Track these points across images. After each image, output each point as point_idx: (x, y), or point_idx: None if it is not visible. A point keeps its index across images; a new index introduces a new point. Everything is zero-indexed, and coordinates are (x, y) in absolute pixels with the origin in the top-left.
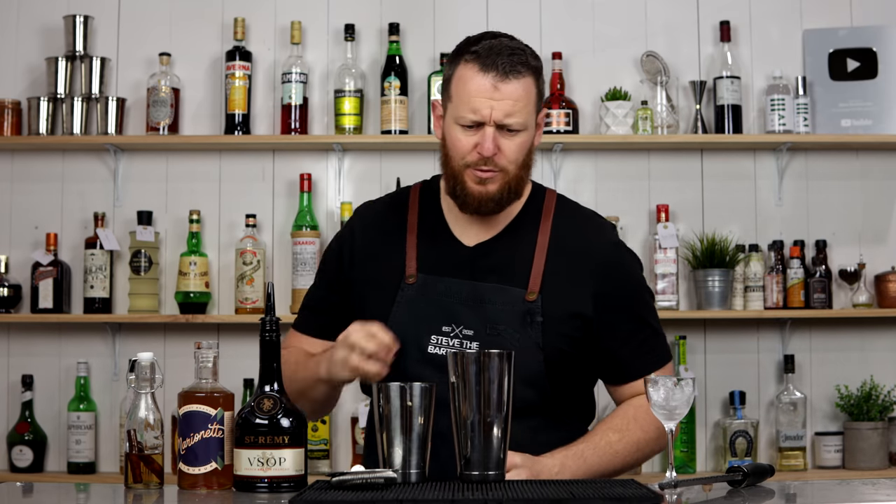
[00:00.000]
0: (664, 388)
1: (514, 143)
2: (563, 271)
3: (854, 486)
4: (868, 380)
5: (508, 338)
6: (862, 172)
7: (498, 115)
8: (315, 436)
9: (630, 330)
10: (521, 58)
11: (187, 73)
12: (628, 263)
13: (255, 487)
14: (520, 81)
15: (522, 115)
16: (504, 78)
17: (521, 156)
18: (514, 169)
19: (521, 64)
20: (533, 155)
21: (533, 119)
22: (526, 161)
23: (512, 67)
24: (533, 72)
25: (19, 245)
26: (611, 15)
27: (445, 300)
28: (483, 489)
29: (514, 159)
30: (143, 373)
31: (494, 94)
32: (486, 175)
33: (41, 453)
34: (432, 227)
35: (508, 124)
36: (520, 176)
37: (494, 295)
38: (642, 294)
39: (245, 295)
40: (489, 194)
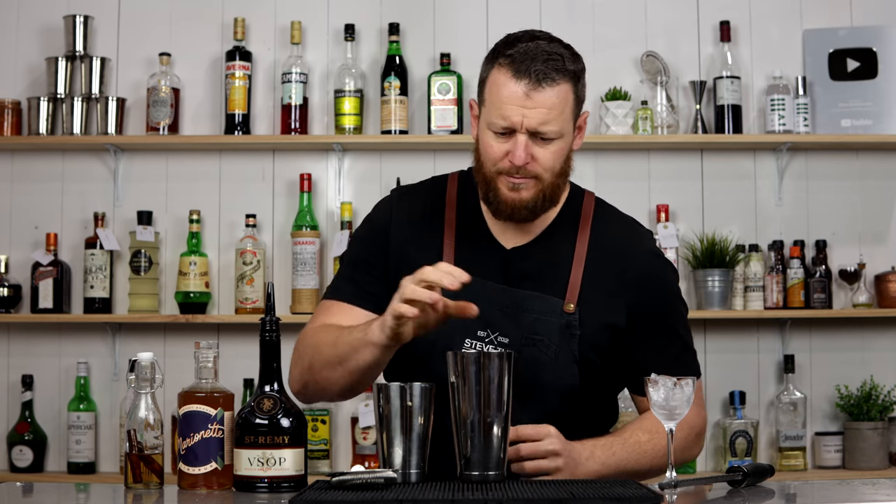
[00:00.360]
0: (664, 388)
1: (548, 152)
2: (601, 282)
3: (854, 486)
4: (868, 380)
5: (545, 349)
6: (862, 172)
7: (530, 123)
8: (315, 436)
9: (663, 343)
10: (558, 64)
11: (187, 73)
12: (665, 274)
13: (255, 487)
14: (554, 89)
15: (557, 124)
16: (537, 86)
17: (556, 164)
18: (549, 177)
19: (555, 71)
20: (571, 161)
21: (570, 125)
22: (563, 168)
23: (546, 75)
24: (570, 77)
25: (19, 245)
26: (611, 15)
27: (482, 305)
28: (483, 489)
29: (550, 167)
30: (143, 373)
31: (527, 103)
32: (519, 181)
33: (41, 453)
34: (470, 225)
35: (542, 132)
36: (556, 184)
37: (532, 303)
38: (677, 306)
39: (245, 295)
40: (522, 202)
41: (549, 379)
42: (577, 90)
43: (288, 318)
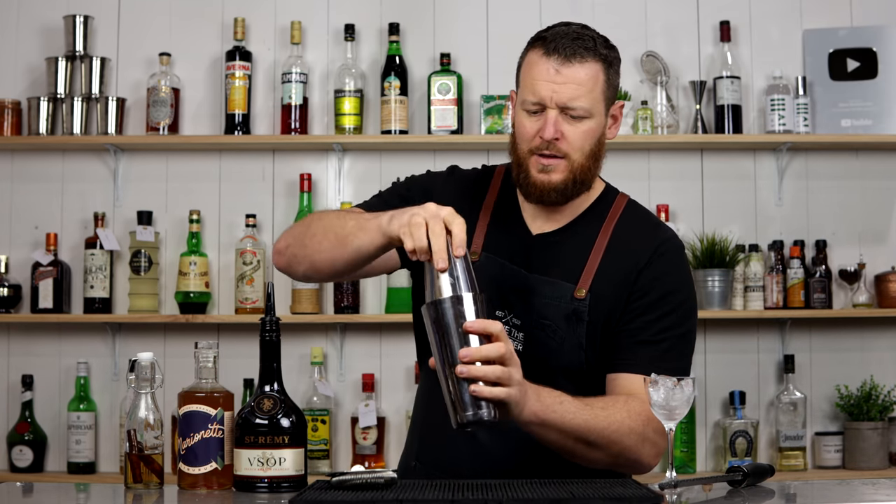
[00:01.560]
0: (664, 388)
1: (578, 130)
2: (613, 274)
3: (854, 486)
4: (868, 380)
5: (552, 334)
6: (862, 172)
7: (560, 98)
8: (315, 436)
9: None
10: (588, 43)
11: (187, 73)
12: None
13: (255, 487)
14: (584, 66)
15: (587, 101)
16: (566, 62)
17: (586, 144)
18: (579, 157)
19: (585, 49)
20: (603, 147)
21: (601, 107)
22: (594, 151)
23: (575, 52)
24: (601, 59)
25: (19, 245)
26: (611, 15)
27: (502, 285)
28: (483, 489)
29: (579, 147)
30: (143, 373)
31: (556, 78)
32: (549, 162)
33: (41, 453)
34: (505, 209)
35: (571, 108)
36: (586, 166)
37: (544, 288)
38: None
39: (245, 295)
40: (552, 184)
41: (555, 363)
42: (608, 74)
43: (288, 318)
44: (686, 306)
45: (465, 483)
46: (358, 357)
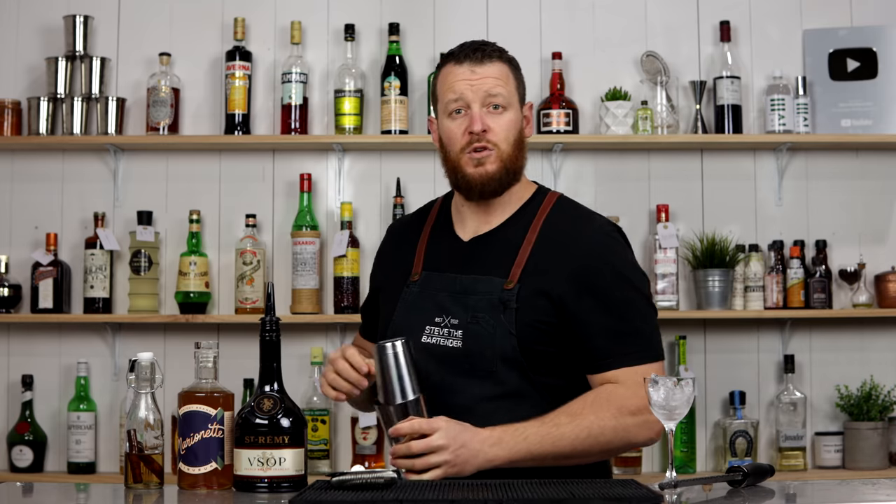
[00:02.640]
0: (664, 388)
1: (502, 120)
2: (545, 260)
3: (854, 486)
4: (868, 380)
5: (486, 325)
6: (862, 172)
7: (480, 93)
8: (315, 436)
9: (604, 322)
10: (493, 49)
11: (187, 73)
12: (609, 253)
13: (255, 487)
14: (493, 64)
15: (505, 91)
16: (479, 62)
17: (511, 133)
18: (506, 147)
19: (492, 52)
20: (524, 139)
21: (515, 100)
22: (518, 141)
23: (483, 54)
24: (507, 61)
25: (19, 245)
26: (611, 15)
27: (440, 294)
28: (483, 489)
29: (505, 137)
30: (143, 373)
31: (472, 77)
32: (481, 155)
33: (41, 453)
34: (441, 228)
35: (493, 96)
36: (514, 155)
37: (477, 285)
38: (623, 287)
39: (245, 295)
40: (488, 174)
41: (490, 352)
42: (516, 75)
43: (288, 318)
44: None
45: (465, 483)
46: None
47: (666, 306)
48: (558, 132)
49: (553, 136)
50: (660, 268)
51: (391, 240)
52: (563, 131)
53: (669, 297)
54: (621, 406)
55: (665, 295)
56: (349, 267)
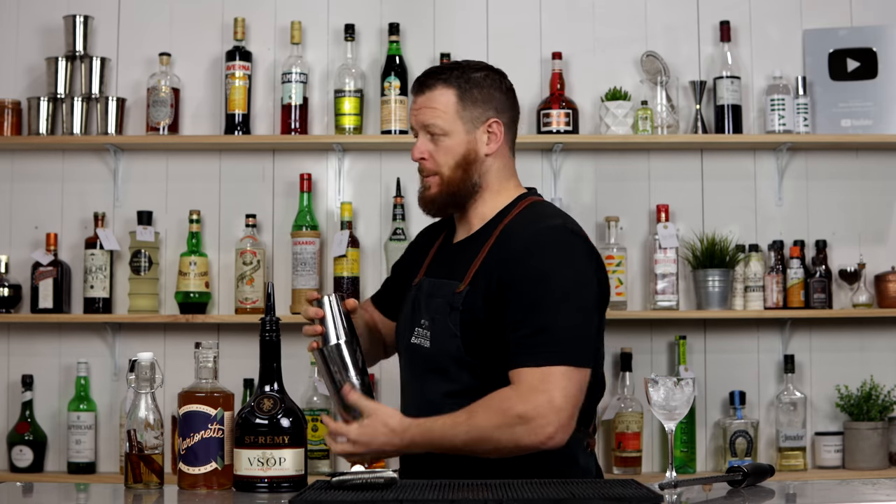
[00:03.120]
0: (664, 388)
1: (440, 148)
2: (491, 265)
3: (854, 486)
4: (868, 380)
5: (440, 326)
6: (862, 172)
7: (418, 121)
8: (315, 436)
9: (518, 319)
10: (441, 74)
11: (187, 73)
12: (537, 254)
13: (255, 487)
14: (433, 91)
15: (441, 121)
16: (419, 92)
17: (449, 158)
18: (446, 171)
19: (433, 77)
20: (474, 160)
21: (458, 125)
22: (461, 164)
23: (424, 82)
24: (450, 84)
25: (19, 245)
26: (611, 15)
27: (423, 298)
28: (483, 489)
29: (443, 162)
30: (143, 373)
31: (415, 106)
32: (425, 181)
33: (41, 453)
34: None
35: (427, 127)
36: (456, 178)
37: (437, 289)
38: (539, 287)
39: (245, 295)
40: (429, 196)
41: (444, 353)
42: (463, 97)
43: (288, 318)
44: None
45: (465, 483)
46: None
47: (666, 306)
48: (558, 132)
49: (553, 136)
50: (660, 268)
51: (419, 240)
52: (563, 131)
53: (669, 297)
54: (506, 409)
55: (665, 295)
56: (349, 267)
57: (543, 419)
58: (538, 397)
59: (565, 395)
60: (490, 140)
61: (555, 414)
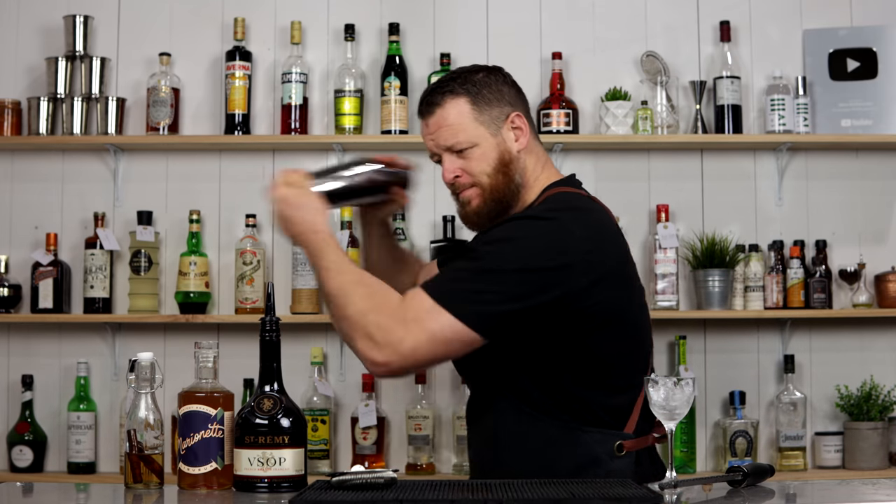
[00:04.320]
0: (664, 388)
1: (471, 161)
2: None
3: (854, 486)
4: (868, 380)
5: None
6: (862, 172)
7: (439, 143)
8: (315, 436)
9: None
10: (443, 87)
11: (187, 73)
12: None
13: (255, 487)
14: (442, 107)
15: (463, 135)
16: (427, 114)
17: (486, 166)
18: (486, 179)
19: (438, 93)
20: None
21: (480, 131)
22: (499, 166)
23: (429, 102)
24: (460, 93)
25: (19, 245)
26: (611, 15)
27: None
28: (483, 489)
29: (480, 171)
30: (143, 373)
31: (428, 130)
32: (462, 196)
33: (41, 453)
34: None
35: (451, 147)
36: (498, 182)
37: None
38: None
39: (245, 295)
40: (473, 211)
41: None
42: (476, 101)
43: (288, 318)
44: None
45: (465, 483)
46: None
47: (666, 306)
48: (558, 132)
49: (553, 136)
50: (660, 268)
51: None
52: (563, 131)
53: (669, 297)
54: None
55: (665, 295)
56: None
57: (387, 349)
58: (399, 329)
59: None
60: (517, 135)
61: (398, 355)
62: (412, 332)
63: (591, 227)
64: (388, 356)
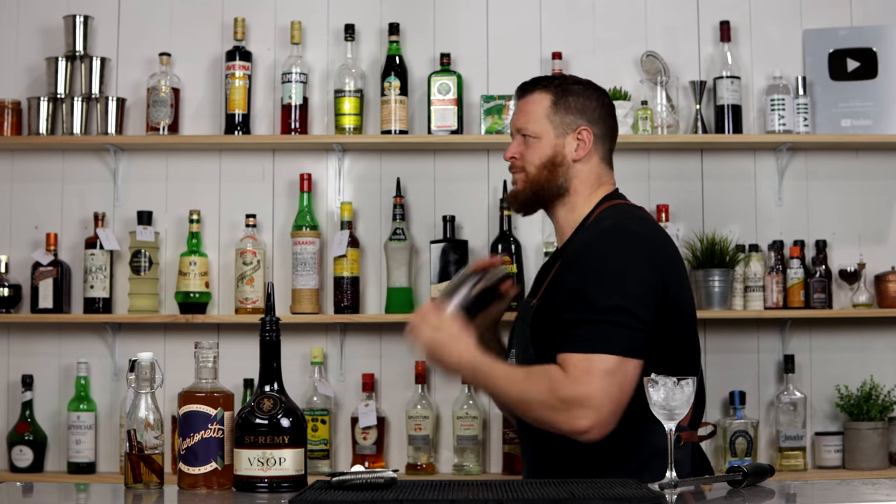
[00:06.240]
0: (664, 388)
1: (529, 148)
2: (559, 271)
3: (854, 486)
4: (868, 380)
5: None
6: (862, 172)
7: (514, 123)
8: (315, 436)
9: (563, 302)
10: (540, 81)
11: (187, 73)
12: (584, 251)
13: (255, 487)
14: (531, 96)
15: (532, 124)
16: (520, 97)
17: (536, 158)
18: (532, 169)
19: (534, 84)
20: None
21: (548, 128)
22: (546, 164)
23: (525, 87)
24: (546, 90)
25: (19, 245)
26: (611, 15)
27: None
28: (483, 489)
29: (530, 161)
30: (143, 373)
31: (515, 111)
32: (514, 177)
33: (41, 453)
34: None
35: (520, 129)
36: (540, 177)
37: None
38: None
39: (245, 295)
40: (514, 193)
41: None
42: (557, 101)
43: (288, 318)
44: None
45: (465, 483)
46: (358, 357)
47: None
48: None
49: None
50: None
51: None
52: None
53: None
54: (552, 390)
55: None
56: (349, 267)
57: (580, 412)
58: (579, 387)
59: (604, 391)
60: (578, 146)
61: (593, 410)
62: (588, 387)
63: (656, 230)
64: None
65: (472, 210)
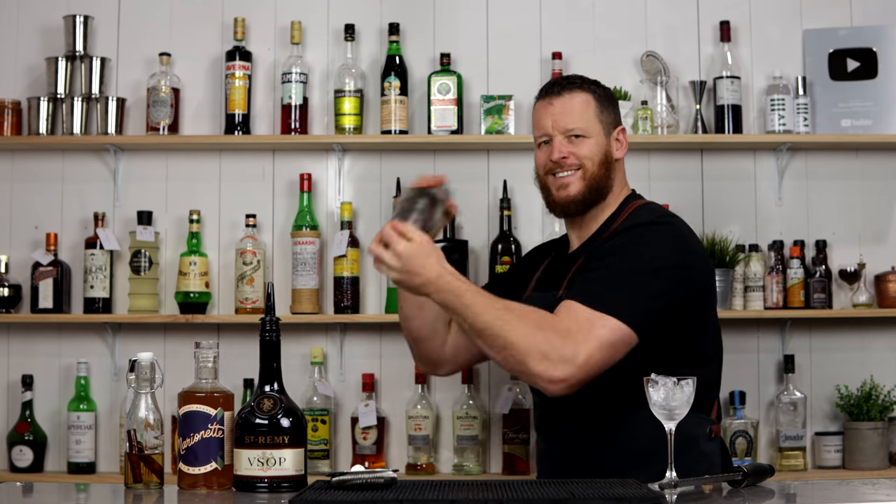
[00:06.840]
0: (664, 388)
1: (584, 146)
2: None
3: (854, 486)
4: (868, 380)
5: None
6: (862, 172)
7: (558, 123)
8: (315, 436)
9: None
10: (575, 80)
11: (187, 73)
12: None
13: (255, 487)
14: (571, 94)
15: (581, 121)
16: (557, 95)
17: (594, 155)
18: (591, 166)
19: (571, 83)
20: (612, 161)
21: (598, 128)
22: (603, 160)
23: (562, 86)
24: (587, 89)
25: (19, 245)
26: (611, 15)
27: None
28: (483, 489)
29: (589, 157)
30: (143, 373)
31: (551, 110)
32: (565, 179)
33: (41, 453)
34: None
35: (570, 129)
36: (599, 174)
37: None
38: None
39: (245, 295)
40: (570, 196)
41: None
42: (599, 102)
43: (288, 318)
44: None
45: (465, 483)
46: (358, 357)
47: None
48: None
49: None
50: None
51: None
52: None
53: None
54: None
55: None
56: (349, 267)
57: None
58: (576, 345)
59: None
60: (618, 147)
61: (578, 369)
62: (583, 343)
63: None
64: (567, 371)
65: (472, 210)
